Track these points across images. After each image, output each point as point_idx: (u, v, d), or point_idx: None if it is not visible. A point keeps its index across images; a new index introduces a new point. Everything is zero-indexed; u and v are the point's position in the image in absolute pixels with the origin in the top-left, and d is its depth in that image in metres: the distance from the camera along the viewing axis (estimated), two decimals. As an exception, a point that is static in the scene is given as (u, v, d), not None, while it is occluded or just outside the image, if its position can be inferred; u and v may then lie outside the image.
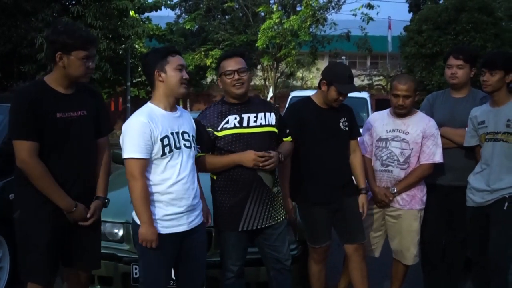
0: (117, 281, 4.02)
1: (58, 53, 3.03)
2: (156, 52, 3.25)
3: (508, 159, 3.85)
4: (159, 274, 3.19)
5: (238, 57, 3.58)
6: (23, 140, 2.98)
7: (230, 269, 3.58)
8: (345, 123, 4.04)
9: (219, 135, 3.47)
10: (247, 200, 3.51)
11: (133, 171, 3.03)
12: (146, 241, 3.04)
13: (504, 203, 3.85)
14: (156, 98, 3.21)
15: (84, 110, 3.21)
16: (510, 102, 3.91)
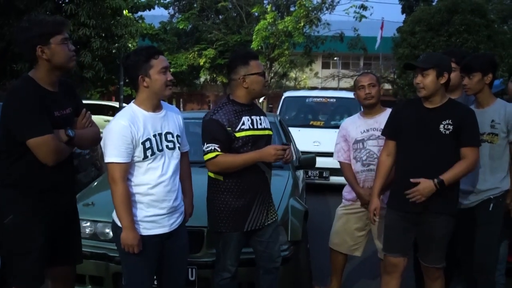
0: (108, 281, 4.01)
1: (38, 47, 2.94)
2: (138, 54, 3.12)
3: (492, 160, 3.87)
4: (142, 277, 3.19)
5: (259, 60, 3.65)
6: (46, 135, 2.92)
7: (228, 269, 3.56)
8: (449, 125, 3.62)
9: (237, 136, 3.47)
10: (254, 201, 3.54)
11: (114, 175, 3.02)
12: (128, 246, 3.04)
13: (489, 204, 3.87)
14: (139, 100, 3.16)
15: (70, 107, 3.20)
16: (494, 103, 3.94)
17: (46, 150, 2.93)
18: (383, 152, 3.93)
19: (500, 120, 3.85)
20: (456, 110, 3.65)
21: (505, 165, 3.92)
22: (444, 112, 3.63)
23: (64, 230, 3.24)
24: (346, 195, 4.61)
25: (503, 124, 3.85)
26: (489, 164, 3.87)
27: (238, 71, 3.53)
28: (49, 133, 2.93)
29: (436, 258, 3.75)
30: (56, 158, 2.99)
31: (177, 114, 3.39)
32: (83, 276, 3.93)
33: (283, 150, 3.42)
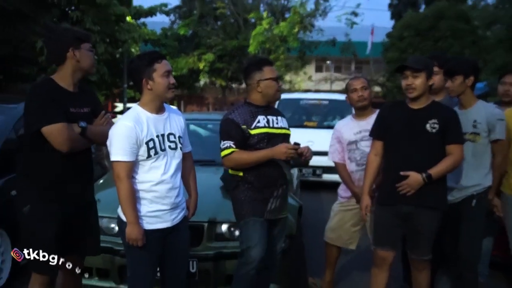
0: (114, 274, 4.02)
1: (71, 49, 3.11)
2: (142, 59, 3.17)
3: (475, 158, 3.89)
4: (145, 269, 3.21)
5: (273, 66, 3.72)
6: (57, 123, 3.01)
7: (253, 260, 3.50)
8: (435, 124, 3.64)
9: (252, 133, 3.51)
10: (272, 195, 3.58)
11: (119, 173, 3.04)
12: (132, 240, 3.06)
13: (472, 200, 3.90)
14: (143, 102, 3.19)
15: (88, 107, 3.29)
16: (476, 104, 3.96)
17: (59, 137, 3.01)
18: (371, 152, 3.93)
19: (482, 120, 3.88)
20: (440, 110, 3.69)
21: (487, 163, 3.94)
22: (429, 112, 3.66)
23: (78, 221, 3.29)
24: (342, 193, 4.63)
25: (484, 124, 3.87)
26: (471, 162, 3.89)
27: (253, 76, 3.60)
28: (61, 121, 3.02)
29: (424, 251, 3.77)
30: (70, 145, 3.05)
31: (179, 116, 3.40)
32: (90, 269, 3.94)
33: (294, 149, 3.45)
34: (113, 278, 4.05)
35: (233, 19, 25.41)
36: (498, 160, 3.96)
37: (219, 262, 3.99)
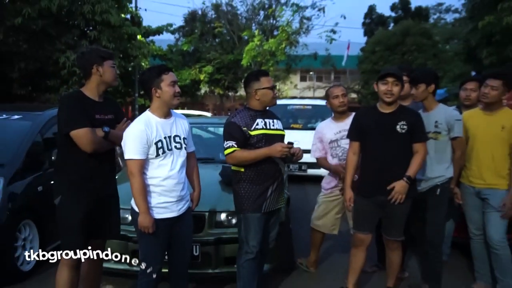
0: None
1: (95, 65, 3.18)
2: (152, 71, 3.24)
3: (437, 153, 3.90)
4: (155, 252, 3.23)
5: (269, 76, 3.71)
6: (84, 127, 3.07)
7: (251, 251, 3.53)
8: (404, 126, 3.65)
9: (252, 134, 3.50)
10: (270, 187, 3.57)
11: (132, 169, 3.07)
12: (144, 227, 3.10)
13: (437, 189, 3.91)
14: (153, 108, 3.22)
15: (112, 114, 3.33)
16: (437, 107, 3.98)
17: (85, 139, 3.07)
18: (349, 151, 3.94)
19: (442, 121, 3.90)
20: (407, 113, 3.71)
21: (448, 157, 3.95)
22: (398, 115, 3.68)
23: (102, 210, 3.31)
24: (325, 186, 4.62)
25: (444, 124, 3.90)
26: (435, 157, 3.90)
27: (251, 85, 3.60)
28: (86, 126, 3.07)
29: (397, 233, 3.81)
30: (93, 147, 3.11)
31: (184, 120, 3.42)
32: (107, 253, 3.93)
33: (288, 148, 3.45)
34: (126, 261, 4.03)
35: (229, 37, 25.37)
36: (457, 154, 3.98)
37: (218, 246, 4.00)
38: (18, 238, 4.37)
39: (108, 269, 3.95)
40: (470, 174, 4.05)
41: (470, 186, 4.06)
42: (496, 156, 3.92)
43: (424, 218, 3.93)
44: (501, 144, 3.91)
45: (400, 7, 34.96)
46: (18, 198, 4.42)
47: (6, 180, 4.33)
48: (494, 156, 3.92)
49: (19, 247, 4.36)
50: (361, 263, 3.99)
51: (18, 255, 4.34)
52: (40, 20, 13.20)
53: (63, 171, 3.23)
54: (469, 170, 4.05)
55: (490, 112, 4.01)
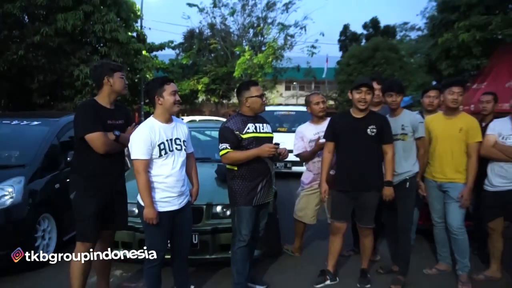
0: (135, 245, 3.98)
1: (105, 76, 3.17)
2: (155, 82, 3.24)
3: (405, 152, 3.91)
4: (159, 241, 3.23)
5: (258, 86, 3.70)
6: (97, 131, 3.06)
7: (244, 239, 3.55)
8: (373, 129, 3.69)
9: (243, 137, 3.50)
10: (260, 183, 3.57)
11: (138, 168, 3.07)
12: (149, 219, 3.10)
13: (406, 183, 3.93)
14: (156, 114, 3.21)
15: (122, 119, 3.32)
16: (403, 112, 4.00)
17: (98, 142, 3.06)
18: (325, 150, 3.95)
19: (407, 124, 3.93)
20: (376, 118, 3.75)
21: (414, 155, 3.97)
22: (368, 120, 3.71)
23: (112, 203, 3.29)
24: (304, 181, 4.61)
25: (410, 127, 3.92)
26: (403, 155, 3.91)
27: (243, 94, 3.60)
28: (99, 131, 3.07)
29: (368, 221, 3.83)
30: (106, 149, 3.10)
31: (183, 125, 3.41)
32: (116, 242, 3.88)
33: (274, 148, 3.46)
34: (134, 248, 3.99)
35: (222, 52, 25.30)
36: (421, 152, 4.01)
37: (215, 235, 3.98)
38: (38, 229, 4.33)
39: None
40: (433, 170, 4.07)
41: (433, 180, 4.07)
42: (455, 154, 3.94)
43: (395, 207, 3.95)
44: (459, 144, 3.93)
45: (371, 25, 35.12)
46: (37, 194, 4.37)
47: (26, 179, 4.30)
48: (454, 154, 3.94)
49: (39, 237, 4.32)
50: (338, 248, 4.02)
51: (38, 244, 4.30)
52: (56, 38, 13.25)
53: (79, 170, 3.21)
54: (432, 167, 4.07)
55: (450, 116, 4.04)
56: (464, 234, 3.96)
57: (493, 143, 3.81)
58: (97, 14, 13.88)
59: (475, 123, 3.97)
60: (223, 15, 24.14)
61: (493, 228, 3.99)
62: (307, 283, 4.00)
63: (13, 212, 4.07)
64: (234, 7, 23.50)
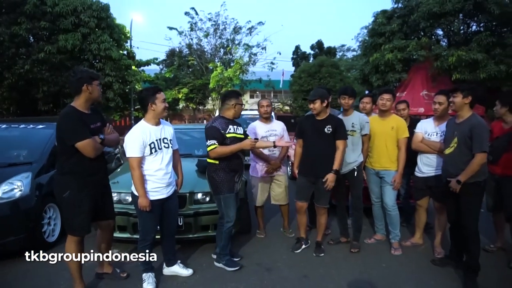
0: (129, 228, 3.83)
1: (85, 84, 2.85)
2: (148, 91, 3.08)
3: (353, 145, 3.93)
4: (151, 224, 3.10)
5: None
6: (87, 139, 2.79)
7: (231, 220, 3.50)
8: (329, 128, 3.67)
9: (227, 136, 3.43)
10: (236, 174, 3.54)
11: (133, 164, 2.93)
12: (143, 207, 2.97)
13: (354, 172, 3.94)
14: (148, 118, 3.07)
15: (99, 122, 3.04)
16: (353, 113, 4.01)
17: (89, 148, 2.81)
18: (297, 145, 3.97)
19: (356, 122, 3.94)
20: (332, 120, 3.74)
21: (360, 148, 3.99)
22: (326, 122, 3.72)
23: (101, 199, 3.08)
24: (251, 172, 4.45)
25: (358, 125, 3.93)
26: (352, 148, 3.93)
27: (232, 100, 3.54)
28: (89, 137, 2.80)
29: (324, 202, 3.83)
30: (95, 153, 2.87)
31: (170, 127, 3.28)
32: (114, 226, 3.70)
33: (254, 142, 3.47)
34: (128, 231, 3.85)
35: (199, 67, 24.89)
36: (365, 147, 4.03)
37: (197, 217, 3.86)
38: (44, 217, 4.08)
39: (115, 237, 3.73)
40: (371, 161, 4.10)
41: (372, 168, 4.10)
42: (389, 147, 3.98)
43: (347, 191, 4.07)
44: (392, 139, 3.98)
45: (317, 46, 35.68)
46: (43, 187, 4.10)
47: (34, 174, 4.05)
48: (387, 148, 3.98)
49: (45, 224, 4.07)
50: (305, 221, 4.09)
51: (45, 230, 4.06)
52: (58, 55, 12.90)
53: (72, 171, 2.85)
54: (371, 158, 4.10)
55: (384, 118, 4.07)
56: (396, 210, 4.02)
57: (421, 139, 3.86)
58: (93, 35, 13.52)
59: (403, 122, 4.03)
60: (198, 37, 23.77)
61: (420, 205, 4.07)
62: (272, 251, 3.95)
63: (22, 203, 3.81)
64: (208, 30, 23.21)
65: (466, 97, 3.19)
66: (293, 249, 4.01)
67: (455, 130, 3.25)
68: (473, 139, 3.07)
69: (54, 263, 3.19)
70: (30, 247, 3.38)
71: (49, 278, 3.36)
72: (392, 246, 4.01)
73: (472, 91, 3.19)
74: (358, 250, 3.97)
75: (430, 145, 3.78)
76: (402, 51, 13.37)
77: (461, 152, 3.16)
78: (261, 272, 3.51)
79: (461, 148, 3.16)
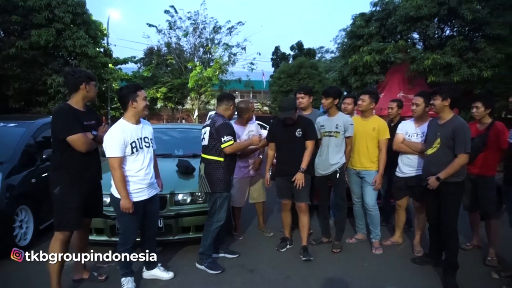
0: (106, 231, 3.70)
1: (84, 83, 2.89)
2: (129, 88, 2.97)
3: (336, 147, 3.93)
4: (132, 226, 2.99)
5: None
6: (78, 133, 2.78)
7: (222, 220, 3.49)
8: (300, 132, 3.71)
9: None
10: (232, 174, 3.62)
11: (114, 165, 2.81)
12: (126, 209, 2.85)
13: (336, 173, 3.95)
14: (128, 116, 2.95)
15: (94, 120, 3.02)
16: (337, 114, 4.01)
17: (79, 143, 2.79)
18: (269, 149, 3.99)
19: (341, 124, 3.94)
20: (302, 122, 3.77)
21: (343, 150, 3.99)
22: (296, 125, 3.74)
23: (92, 195, 3.01)
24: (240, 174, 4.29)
25: (342, 127, 3.93)
26: (335, 149, 3.93)
27: (230, 102, 3.62)
28: (80, 132, 2.78)
29: (303, 198, 3.81)
30: (86, 148, 2.82)
31: (149, 126, 3.17)
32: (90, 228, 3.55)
33: (261, 138, 3.84)
34: (106, 233, 3.72)
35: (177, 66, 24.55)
36: (349, 148, 4.03)
37: (177, 219, 3.77)
38: (16, 220, 3.87)
39: (92, 240, 3.61)
40: (353, 161, 4.11)
41: (353, 168, 4.12)
42: (370, 148, 4.01)
43: (330, 191, 4.11)
44: (373, 140, 4.01)
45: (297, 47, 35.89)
46: (15, 188, 3.90)
47: (4, 174, 3.83)
48: (369, 148, 4.01)
49: (16, 227, 3.87)
50: (289, 220, 4.08)
51: (16, 234, 3.86)
52: (30, 50, 12.40)
53: (63, 167, 2.83)
54: (352, 158, 4.11)
55: (365, 119, 4.10)
56: (377, 210, 4.06)
57: (402, 140, 3.91)
58: (68, 31, 13.10)
59: (384, 124, 4.07)
60: (177, 36, 23.46)
61: (400, 205, 4.12)
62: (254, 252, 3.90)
63: (-9, 205, 3.60)
64: (187, 29, 22.93)
65: (445, 99, 3.24)
66: (279, 248, 4.03)
67: (437, 131, 3.30)
68: (456, 140, 3.12)
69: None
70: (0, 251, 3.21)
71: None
72: (373, 246, 4.05)
73: (451, 93, 3.26)
74: (340, 250, 3.99)
75: (411, 146, 3.83)
76: (380, 54, 13.63)
77: (444, 153, 3.21)
78: (244, 274, 3.46)
79: (444, 149, 3.21)
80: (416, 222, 4.04)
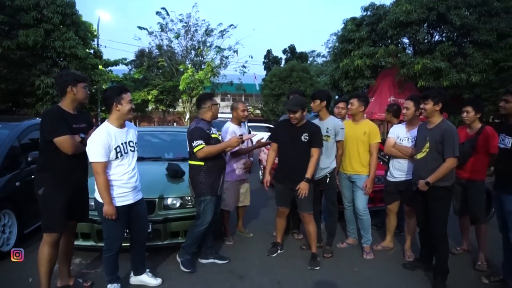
0: (93, 236, 3.61)
1: (70, 86, 2.84)
2: (114, 90, 2.88)
3: (327, 150, 3.90)
4: (117, 232, 2.92)
5: None
6: (65, 135, 2.74)
7: (206, 223, 3.46)
8: (306, 136, 3.59)
9: (212, 137, 3.45)
10: (220, 177, 3.52)
11: (98, 169, 2.72)
12: (108, 215, 2.78)
13: (326, 178, 3.92)
14: (112, 120, 2.87)
15: (85, 123, 2.95)
16: (328, 118, 3.98)
17: (66, 144, 2.74)
18: (270, 149, 3.89)
19: (331, 128, 3.91)
20: (310, 127, 3.68)
21: (333, 154, 3.96)
22: (303, 129, 3.65)
23: (77, 198, 2.94)
24: (234, 177, 4.29)
25: (333, 130, 3.91)
26: (325, 153, 3.90)
27: (207, 102, 3.52)
28: (67, 134, 2.73)
29: (306, 208, 3.71)
30: (73, 150, 2.77)
31: (135, 129, 3.08)
32: (76, 233, 3.46)
33: (240, 139, 3.49)
34: (93, 238, 3.62)
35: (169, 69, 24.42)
36: (339, 153, 4.00)
37: (166, 224, 3.70)
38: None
39: (78, 245, 3.53)
40: (344, 165, 4.09)
41: (344, 173, 4.10)
42: (361, 152, 3.99)
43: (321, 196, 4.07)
44: (364, 144, 3.99)
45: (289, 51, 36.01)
46: (-2, 192, 3.79)
47: (-14, 178, 3.71)
48: (360, 152, 3.99)
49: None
50: (284, 226, 4.04)
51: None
52: (18, 51, 12.18)
53: (48, 169, 2.79)
54: (343, 162, 4.09)
55: (356, 122, 4.08)
56: (368, 215, 4.04)
57: (393, 144, 3.90)
58: (57, 32, 12.94)
59: (375, 128, 4.06)
60: (169, 38, 23.33)
61: (390, 209, 4.11)
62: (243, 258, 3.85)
63: (-28, 210, 3.49)
64: (179, 32, 22.81)
65: (436, 103, 3.24)
66: (269, 253, 3.97)
67: (427, 136, 3.30)
68: (445, 144, 3.12)
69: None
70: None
71: None
72: (364, 250, 4.03)
73: (442, 98, 3.26)
74: (331, 255, 3.95)
75: (401, 150, 3.83)
76: (371, 58, 13.74)
77: (433, 157, 3.20)
78: (234, 280, 3.40)
79: (433, 153, 3.21)
80: (407, 227, 4.03)
